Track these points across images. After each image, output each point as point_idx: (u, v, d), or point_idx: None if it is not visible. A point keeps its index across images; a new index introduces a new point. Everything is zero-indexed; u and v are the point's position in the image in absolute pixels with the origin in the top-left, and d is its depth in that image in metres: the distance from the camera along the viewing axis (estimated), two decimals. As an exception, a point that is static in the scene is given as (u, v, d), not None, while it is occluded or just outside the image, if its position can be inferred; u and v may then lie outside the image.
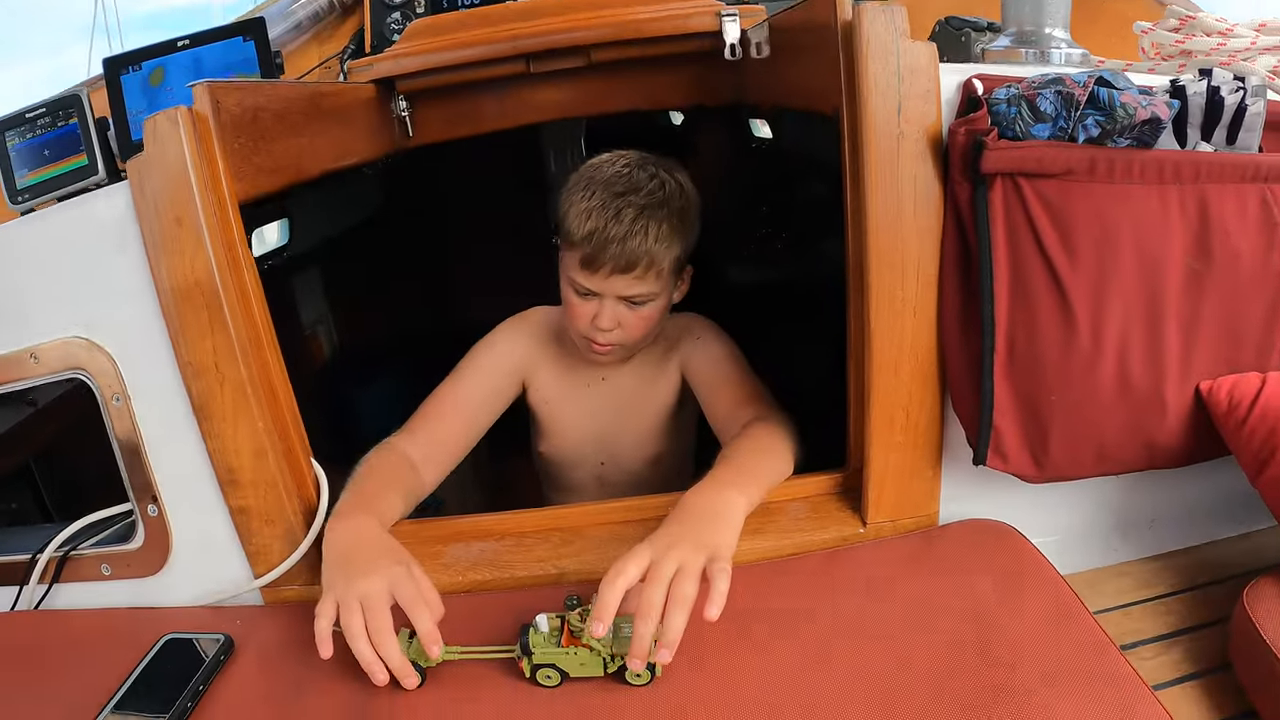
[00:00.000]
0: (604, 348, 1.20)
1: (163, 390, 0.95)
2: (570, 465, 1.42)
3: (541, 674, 0.81)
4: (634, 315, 1.17)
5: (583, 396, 1.35)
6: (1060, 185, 0.85)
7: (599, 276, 1.12)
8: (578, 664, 0.81)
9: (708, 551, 0.81)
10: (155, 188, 0.89)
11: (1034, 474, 0.90)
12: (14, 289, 0.99)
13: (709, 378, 1.27)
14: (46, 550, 1.05)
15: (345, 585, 0.84)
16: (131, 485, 1.00)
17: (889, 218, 0.86)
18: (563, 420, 1.37)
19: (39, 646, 1.00)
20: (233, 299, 0.91)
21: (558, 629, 0.82)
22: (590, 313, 1.16)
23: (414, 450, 1.15)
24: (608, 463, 1.39)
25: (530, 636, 0.81)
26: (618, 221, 1.09)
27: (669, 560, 0.79)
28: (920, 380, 0.91)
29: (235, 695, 0.87)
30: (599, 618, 0.77)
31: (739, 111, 2.36)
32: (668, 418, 1.36)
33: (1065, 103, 0.84)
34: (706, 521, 0.87)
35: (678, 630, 0.76)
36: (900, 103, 0.84)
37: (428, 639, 0.82)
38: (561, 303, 1.23)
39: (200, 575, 1.02)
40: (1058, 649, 0.78)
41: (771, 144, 2.31)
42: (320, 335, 2.43)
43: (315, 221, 2.04)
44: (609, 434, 1.37)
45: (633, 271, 1.12)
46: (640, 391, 1.35)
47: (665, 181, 1.14)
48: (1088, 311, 0.85)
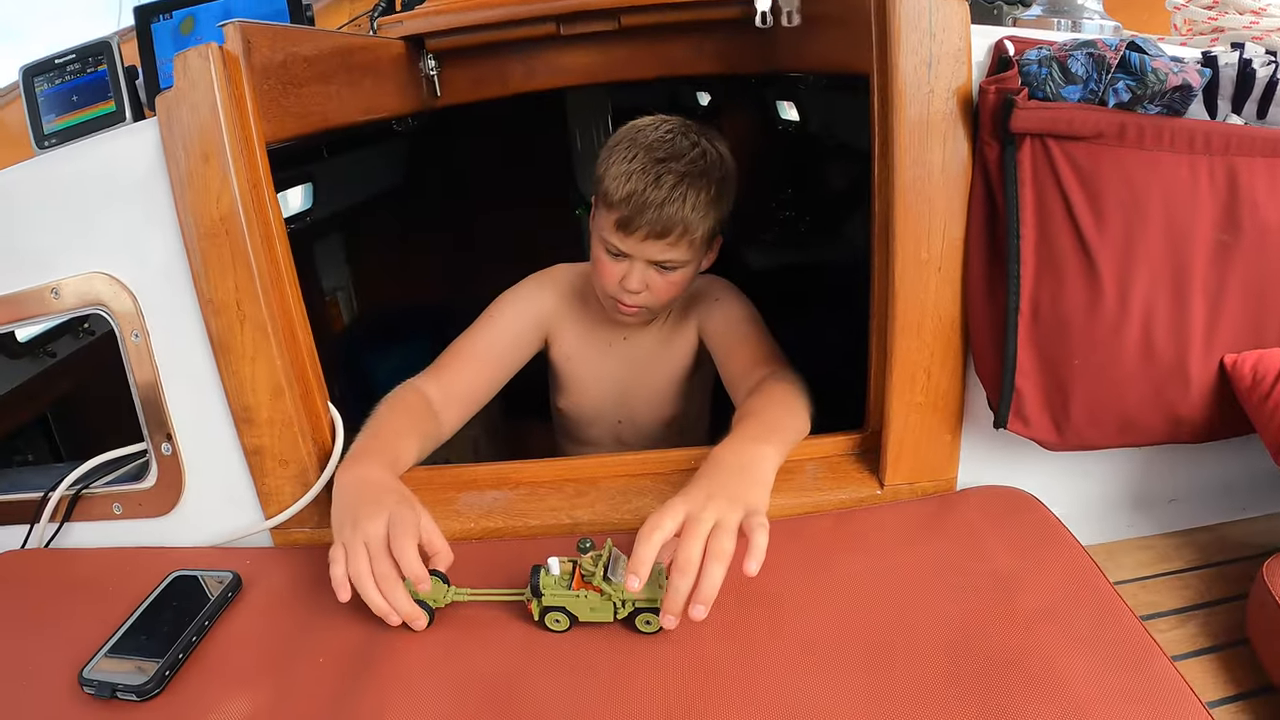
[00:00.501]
0: (630, 309, 1.20)
1: (182, 327, 0.95)
2: (588, 422, 1.42)
3: (550, 617, 0.81)
4: (663, 280, 1.17)
5: (604, 355, 1.36)
6: (1090, 148, 0.84)
7: (633, 239, 1.12)
8: (588, 608, 0.80)
9: (744, 506, 0.80)
10: (184, 124, 0.89)
11: (1055, 440, 0.89)
12: (38, 225, 0.99)
13: (725, 337, 1.27)
14: (59, 488, 1.05)
15: (352, 530, 0.84)
16: (147, 423, 1.00)
17: (917, 176, 0.86)
18: (583, 377, 1.38)
19: (48, 583, 1.00)
20: (256, 238, 0.91)
21: (569, 572, 0.81)
22: (620, 273, 1.17)
23: (436, 392, 1.15)
24: (625, 421, 1.40)
25: (541, 578, 0.80)
26: (657, 187, 1.09)
27: (706, 515, 0.78)
28: (943, 341, 0.90)
29: (241, 632, 0.87)
30: (634, 571, 0.76)
31: (766, 93, 2.36)
32: (684, 379, 1.36)
33: (1097, 65, 0.84)
34: (741, 476, 0.86)
35: (714, 586, 0.75)
36: (931, 61, 0.84)
37: (414, 576, 0.80)
38: (590, 261, 1.24)
39: (211, 515, 1.02)
40: (1075, 616, 0.77)
41: (798, 126, 2.33)
42: (340, 301, 2.45)
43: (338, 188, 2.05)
44: (627, 393, 1.38)
45: (667, 238, 1.12)
46: (659, 352, 1.35)
47: (707, 150, 1.14)
48: (1114, 277, 0.84)
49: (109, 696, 0.79)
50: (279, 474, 0.98)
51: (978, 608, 0.78)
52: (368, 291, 2.51)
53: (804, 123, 2.27)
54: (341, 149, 1.91)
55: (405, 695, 0.75)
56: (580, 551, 0.81)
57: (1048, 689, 0.69)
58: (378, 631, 0.83)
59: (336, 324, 2.44)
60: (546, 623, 0.81)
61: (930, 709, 0.68)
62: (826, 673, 0.73)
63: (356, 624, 0.85)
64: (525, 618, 0.83)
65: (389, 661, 0.79)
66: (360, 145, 2.07)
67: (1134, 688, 0.68)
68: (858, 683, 0.72)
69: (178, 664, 0.82)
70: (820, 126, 2.19)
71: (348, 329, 2.48)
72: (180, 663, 0.83)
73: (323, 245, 2.35)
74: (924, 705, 0.69)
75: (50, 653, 0.86)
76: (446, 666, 0.79)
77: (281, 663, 0.81)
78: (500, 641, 0.81)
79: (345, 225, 2.37)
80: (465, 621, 0.84)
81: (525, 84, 1.61)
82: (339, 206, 2.09)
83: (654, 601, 0.78)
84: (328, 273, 2.39)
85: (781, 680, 0.73)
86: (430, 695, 0.75)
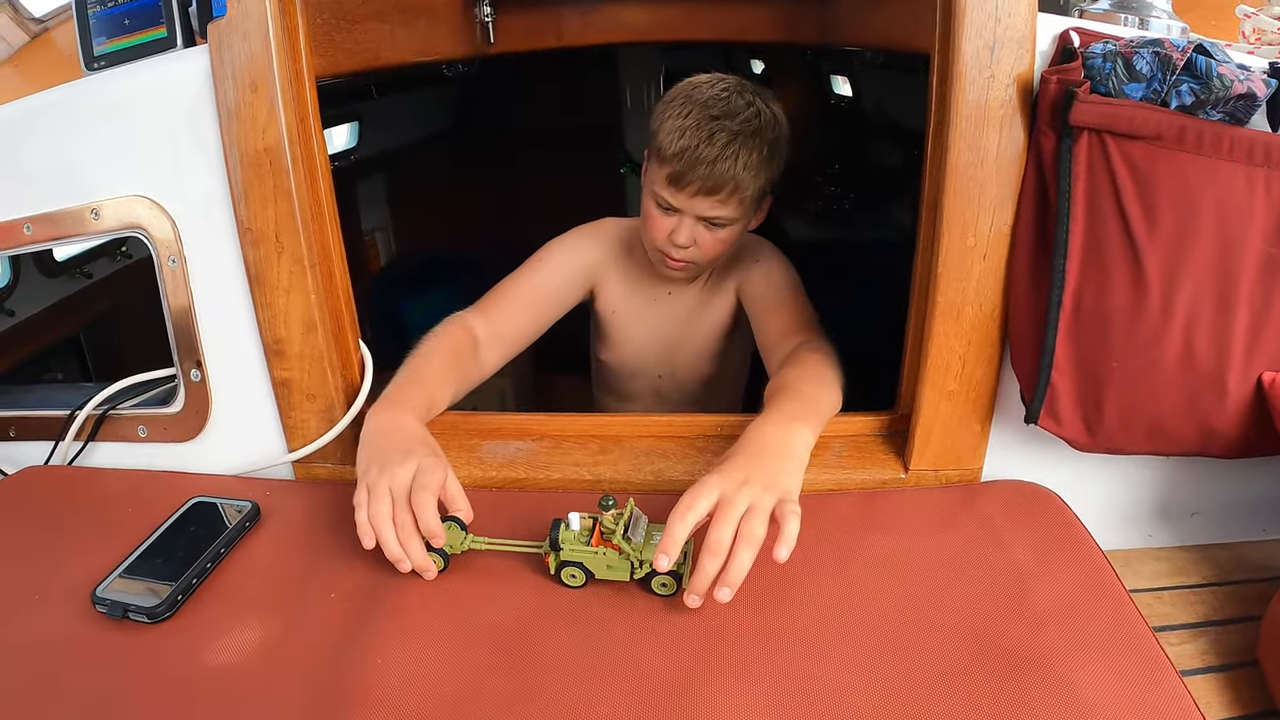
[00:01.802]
0: (677, 264, 1.21)
1: (220, 255, 0.95)
2: (629, 375, 1.44)
3: (566, 572, 0.81)
4: (711, 236, 1.18)
5: (648, 309, 1.37)
6: (1147, 149, 0.82)
7: (683, 195, 1.13)
8: (605, 565, 0.80)
9: (779, 492, 0.79)
10: (234, 52, 0.89)
11: (1085, 441, 0.88)
12: (82, 145, 0.99)
13: (764, 300, 1.27)
14: (85, 407, 1.06)
15: (378, 474, 0.84)
16: (178, 349, 1.00)
17: (970, 160, 0.84)
18: (627, 330, 1.39)
19: (68, 500, 1.01)
20: (299, 171, 0.90)
21: (589, 528, 0.81)
22: (669, 228, 1.17)
23: (483, 330, 1.17)
24: (665, 376, 1.42)
25: (560, 532, 0.80)
26: (710, 144, 1.09)
27: (740, 498, 0.77)
28: (981, 330, 0.89)
29: (256, 562, 0.88)
30: (665, 551, 0.75)
31: (821, 65, 2.34)
32: (724, 336, 1.37)
33: (1162, 65, 0.82)
34: (777, 459, 0.85)
35: (743, 570, 0.74)
36: (995, 45, 0.82)
37: (429, 531, 0.81)
38: (639, 215, 1.24)
39: (235, 444, 1.03)
40: (1089, 618, 0.76)
41: (851, 103, 2.30)
42: (378, 241, 2.46)
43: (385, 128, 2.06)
44: (670, 348, 1.39)
45: (717, 195, 1.12)
46: (701, 309, 1.36)
47: (761, 110, 1.13)
48: (1160, 280, 0.83)
49: (120, 616, 0.80)
50: (305, 408, 0.99)
51: (992, 601, 0.78)
52: (407, 234, 2.53)
53: (857, 99, 2.25)
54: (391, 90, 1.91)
55: (412, 638, 0.76)
56: (602, 509, 0.81)
57: (1055, 690, 0.68)
58: (391, 574, 0.83)
59: (373, 264, 2.46)
60: (562, 577, 0.81)
61: (937, 697, 0.68)
62: (836, 652, 0.73)
63: (371, 564, 0.85)
64: (539, 571, 0.83)
65: (399, 604, 0.80)
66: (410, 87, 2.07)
67: (1141, 698, 0.67)
68: (866, 665, 0.71)
69: (191, 589, 0.83)
70: (873, 104, 2.17)
71: (384, 269, 2.49)
72: (193, 588, 0.84)
73: (365, 184, 2.37)
74: (931, 693, 0.68)
75: (65, 569, 0.88)
76: (456, 613, 0.79)
77: (293, 595, 0.82)
78: (512, 592, 0.81)
79: (389, 166, 2.39)
80: (479, 570, 0.84)
81: (580, 37, 1.59)
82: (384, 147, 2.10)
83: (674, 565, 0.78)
84: (368, 212, 2.41)
85: (790, 655, 0.73)
86: (436, 639, 0.76)
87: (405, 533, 0.81)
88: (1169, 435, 0.88)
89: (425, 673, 0.72)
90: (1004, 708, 0.67)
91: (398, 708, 0.68)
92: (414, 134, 2.36)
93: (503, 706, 0.68)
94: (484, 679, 0.71)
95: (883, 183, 2.28)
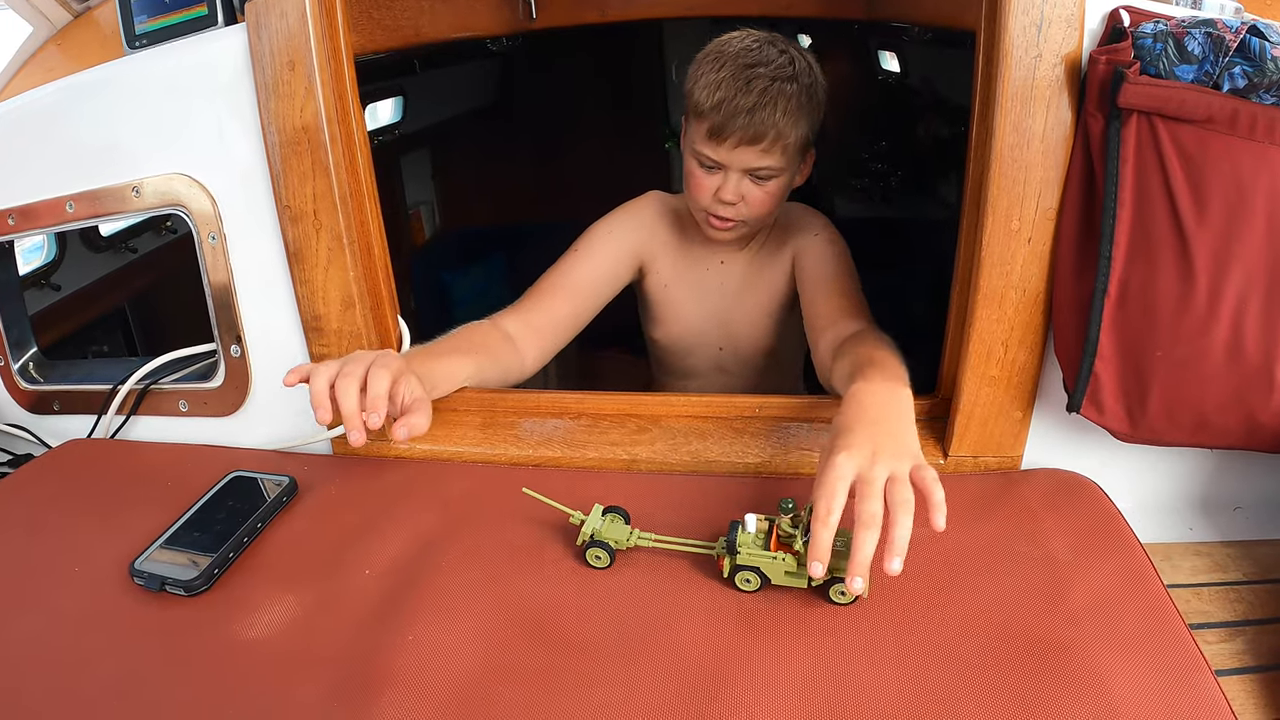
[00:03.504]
0: (725, 223, 1.20)
1: (259, 233, 0.97)
2: (687, 351, 1.42)
3: (741, 576, 0.77)
4: (758, 190, 1.16)
5: (701, 280, 1.35)
6: (1198, 133, 0.80)
7: (725, 147, 1.12)
8: (782, 571, 0.76)
9: (910, 457, 0.76)
10: (272, 31, 0.89)
11: (1127, 431, 0.86)
12: (123, 123, 1.00)
13: (818, 276, 1.25)
14: (128, 382, 1.08)
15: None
16: (218, 325, 1.02)
17: (1016, 141, 0.82)
18: (681, 304, 1.37)
19: (109, 472, 1.04)
20: (338, 149, 0.91)
21: (765, 531, 0.78)
22: (714, 185, 1.16)
23: (514, 326, 1.17)
24: (726, 348, 1.40)
25: (738, 535, 0.77)
26: (747, 92, 1.08)
27: (878, 472, 0.73)
28: (1024, 316, 0.87)
29: (293, 537, 0.89)
30: (817, 559, 0.72)
31: (869, 41, 2.30)
32: (781, 308, 1.35)
33: (1214, 46, 0.79)
34: (896, 422, 0.82)
35: (906, 536, 0.70)
36: (1042, 24, 0.80)
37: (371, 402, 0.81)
38: (682, 187, 1.23)
39: (274, 420, 1.04)
40: (1124, 614, 0.74)
41: (898, 78, 2.27)
42: (422, 215, 2.47)
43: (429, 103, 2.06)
44: (728, 320, 1.37)
45: (760, 144, 1.11)
46: (756, 279, 1.34)
47: (794, 58, 1.12)
48: (1208, 269, 0.81)
49: (158, 589, 0.82)
50: (342, 385, 0.98)
51: (1027, 592, 0.77)
52: (451, 208, 2.54)
53: (904, 74, 2.21)
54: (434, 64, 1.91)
55: (445, 616, 0.76)
56: (781, 512, 0.79)
57: (1085, 685, 0.67)
58: (426, 550, 0.84)
59: (418, 237, 2.47)
60: (736, 581, 0.78)
61: (965, 687, 0.67)
62: (864, 635, 0.73)
63: (406, 540, 0.86)
64: (572, 553, 0.83)
65: (434, 580, 0.80)
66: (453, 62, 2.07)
67: (1173, 698, 0.66)
68: (894, 651, 0.71)
69: (227, 563, 0.85)
70: (921, 80, 2.14)
71: (428, 243, 2.50)
72: (230, 561, 0.85)
73: (409, 158, 2.38)
74: (959, 682, 0.68)
75: (105, 541, 0.89)
76: (490, 591, 0.79)
77: (329, 571, 0.83)
78: (545, 573, 0.81)
79: (433, 140, 2.40)
80: (513, 549, 0.84)
81: (624, 12, 1.57)
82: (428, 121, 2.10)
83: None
84: (412, 186, 2.42)
85: (821, 639, 0.73)
86: (468, 618, 0.76)
87: (344, 381, 0.82)
88: (1213, 428, 0.86)
89: (455, 651, 0.72)
90: (1031, 700, 0.66)
91: (426, 686, 0.69)
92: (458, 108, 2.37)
93: (530, 687, 0.69)
94: (514, 659, 0.72)
95: (930, 160, 2.25)
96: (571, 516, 0.83)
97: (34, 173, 1.05)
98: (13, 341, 1.14)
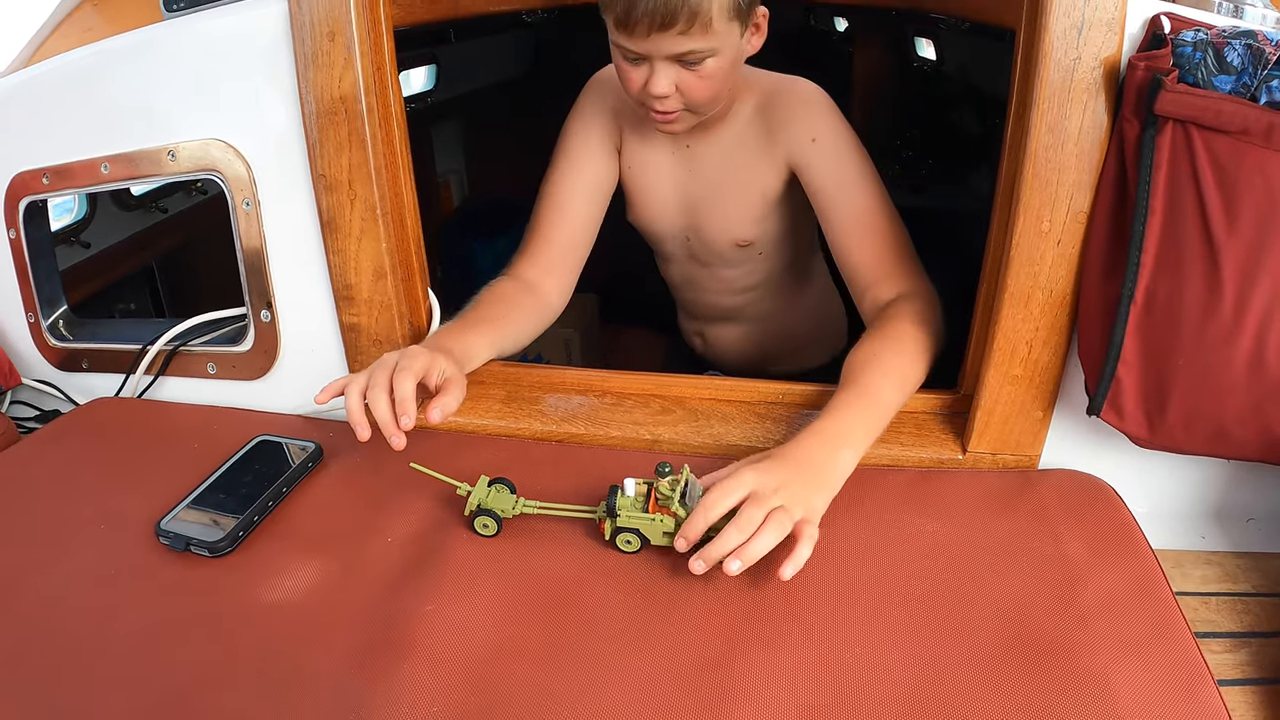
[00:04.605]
0: (667, 116, 1.05)
1: (293, 201, 0.98)
2: (658, 238, 1.33)
3: (622, 538, 0.82)
4: (692, 76, 1.00)
5: (666, 163, 1.23)
6: (1233, 144, 0.80)
7: (638, 38, 0.96)
8: (660, 532, 0.81)
9: (806, 509, 0.80)
10: (314, 1, 0.90)
11: (1145, 437, 0.87)
12: (162, 88, 1.01)
13: (842, 214, 1.11)
14: (158, 343, 1.10)
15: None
16: (249, 289, 1.03)
17: (1050, 142, 0.82)
18: (646, 190, 1.26)
19: (137, 432, 1.05)
20: (374, 120, 0.92)
21: (644, 494, 0.82)
22: (641, 79, 1.01)
23: (530, 269, 1.15)
24: (694, 239, 1.30)
25: (617, 499, 0.81)
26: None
27: (772, 499, 0.78)
28: (1050, 316, 0.88)
29: (317, 502, 0.91)
30: (685, 535, 0.77)
31: (905, 27, 2.28)
32: (762, 203, 1.21)
33: (1254, 58, 0.79)
34: (817, 476, 0.84)
35: (759, 553, 0.75)
36: (1083, 26, 0.80)
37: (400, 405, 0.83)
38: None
39: (300, 385, 1.06)
40: (1132, 618, 0.75)
41: (934, 66, 2.25)
42: (452, 184, 2.47)
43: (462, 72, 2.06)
44: (693, 208, 1.25)
45: (674, 27, 0.94)
46: (730, 167, 1.20)
47: None
48: (1235, 281, 0.81)
49: (183, 549, 0.84)
50: (372, 353, 1.01)
51: (1037, 592, 0.78)
52: (481, 177, 2.53)
53: (940, 62, 2.19)
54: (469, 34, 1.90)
55: (463, 587, 0.78)
56: (658, 475, 0.81)
57: (1089, 688, 0.68)
58: (447, 521, 0.86)
59: (446, 206, 2.47)
60: (618, 543, 0.82)
61: (968, 683, 0.68)
62: (872, 629, 0.74)
63: (428, 510, 0.88)
64: (594, 533, 0.84)
65: (453, 552, 0.82)
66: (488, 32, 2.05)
67: (1175, 705, 0.67)
68: (900, 644, 0.72)
69: (252, 525, 0.86)
70: (957, 69, 2.11)
71: (457, 211, 2.50)
72: (255, 524, 0.87)
73: (441, 127, 2.37)
74: (962, 678, 0.69)
75: (131, 500, 0.91)
76: (507, 566, 0.81)
77: (351, 537, 0.85)
78: (564, 551, 0.83)
79: (466, 109, 2.39)
80: (535, 530, 0.86)
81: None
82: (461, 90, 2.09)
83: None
84: (443, 155, 2.42)
85: (827, 629, 0.74)
86: (485, 592, 0.78)
87: (373, 392, 0.83)
88: (1231, 439, 0.86)
89: (471, 623, 0.74)
90: (1033, 698, 0.67)
91: (441, 656, 0.71)
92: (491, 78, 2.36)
93: (540, 665, 0.70)
94: (526, 636, 0.73)
95: (963, 150, 2.22)
96: (458, 488, 0.86)
97: (70, 133, 1.06)
98: (44, 299, 1.16)
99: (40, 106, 1.07)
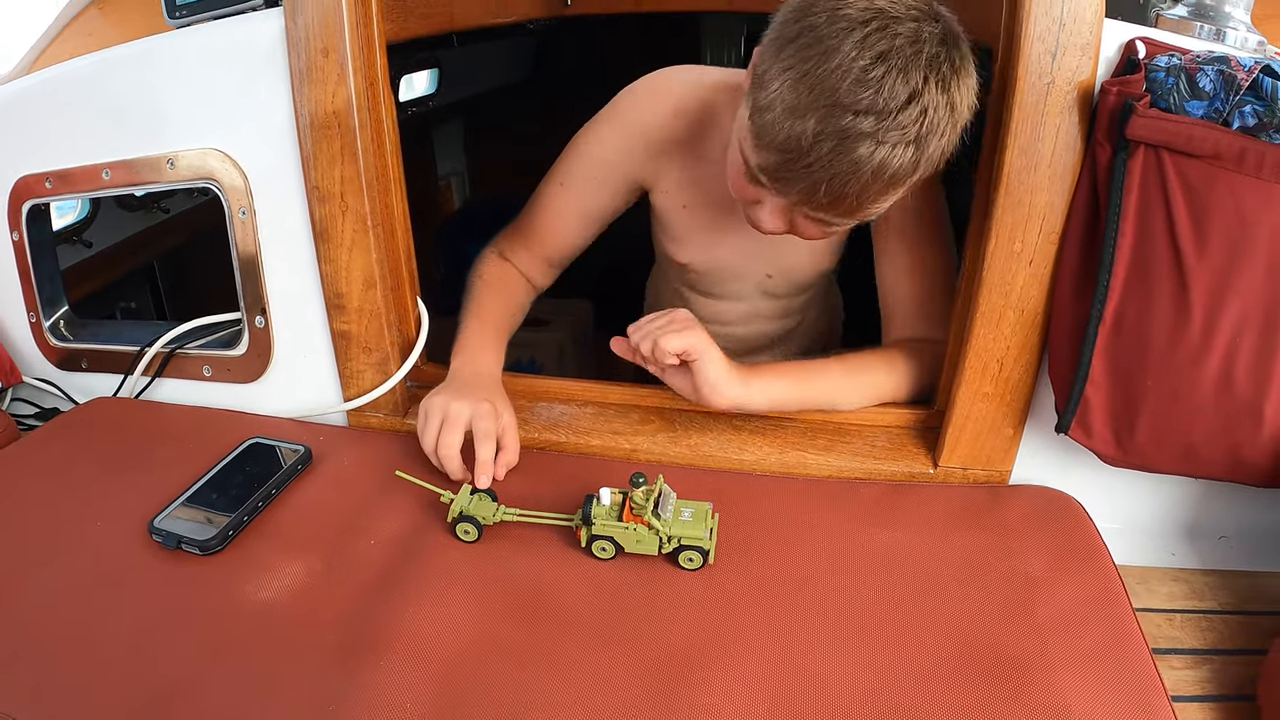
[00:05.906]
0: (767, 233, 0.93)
1: (287, 211, 1.00)
2: (725, 278, 1.22)
3: (597, 545, 0.84)
4: (816, 229, 0.90)
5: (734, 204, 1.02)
6: (1205, 169, 0.81)
7: (782, 195, 0.84)
8: (634, 540, 0.83)
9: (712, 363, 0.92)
10: (307, 17, 0.91)
11: (1114, 455, 0.88)
12: (162, 97, 1.03)
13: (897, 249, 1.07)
14: (155, 345, 1.12)
15: (442, 403, 0.93)
16: (244, 296, 1.05)
17: (1024, 165, 0.84)
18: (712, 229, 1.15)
19: (133, 431, 1.08)
20: (367, 134, 0.94)
21: (619, 504, 0.85)
22: (755, 198, 0.89)
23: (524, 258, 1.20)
24: (776, 275, 1.20)
25: (592, 507, 0.84)
26: (835, 153, 0.75)
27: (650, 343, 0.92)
28: (1021, 335, 0.89)
29: (305, 504, 0.93)
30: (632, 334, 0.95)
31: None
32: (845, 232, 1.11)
33: (1226, 84, 0.80)
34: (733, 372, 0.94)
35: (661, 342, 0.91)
36: (1057, 51, 0.82)
37: (481, 466, 0.90)
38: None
39: (293, 390, 1.08)
40: (1088, 632, 0.77)
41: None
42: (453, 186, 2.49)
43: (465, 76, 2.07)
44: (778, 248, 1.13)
45: (833, 211, 0.83)
46: None
47: (933, 105, 0.75)
48: (1204, 303, 0.82)
49: (174, 547, 0.86)
50: (361, 360, 1.03)
51: (995, 605, 0.79)
52: (481, 180, 2.55)
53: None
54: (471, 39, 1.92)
55: (440, 589, 0.80)
56: (633, 485, 0.84)
57: (1043, 701, 0.69)
58: (429, 525, 0.88)
59: (447, 208, 2.49)
60: (593, 550, 0.85)
61: (920, 693, 0.70)
62: (832, 638, 0.76)
63: (411, 514, 0.90)
64: (570, 540, 0.87)
65: (433, 556, 0.85)
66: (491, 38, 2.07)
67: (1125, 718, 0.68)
68: (858, 654, 0.74)
69: (242, 525, 0.89)
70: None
71: (458, 213, 2.53)
72: (244, 524, 0.89)
73: (443, 130, 2.39)
74: (916, 689, 0.71)
75: (125, 498, 0.94)
76: (485, 570, 0.83)
77: (336, 538, 0.87)
78: (541, 557, 0.86)
79: (467, 113, 2.41)
80: (512, 536, 0.88)
81: (658, 3, 1.56)
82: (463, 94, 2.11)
83: (698, 540, 0.82)
84: (444, 158, 2.44)
85: (790, 638, 0.76)
86: (460, 592, 0.80)
87: (446, 452, 0.92)
88: (1200, 459, 0.88)
89: (446, 623, 0.76)
90: (983, 709, 0.69)
91: (418, 653, 0.73)
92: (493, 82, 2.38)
93: (513, 663, 0.73)
94: (500, 634, 0.76)
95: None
96: (442, 496, 0.89)
97: (73, 139, 1.08)
98: (45, 299, 1.18)
99: (44, 112, 1.09)
